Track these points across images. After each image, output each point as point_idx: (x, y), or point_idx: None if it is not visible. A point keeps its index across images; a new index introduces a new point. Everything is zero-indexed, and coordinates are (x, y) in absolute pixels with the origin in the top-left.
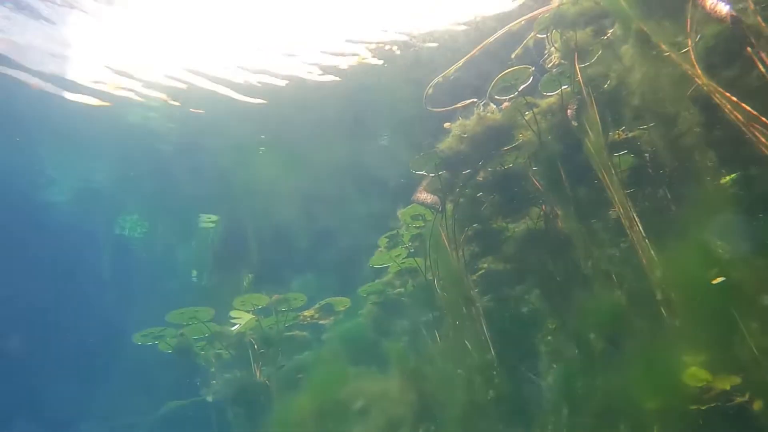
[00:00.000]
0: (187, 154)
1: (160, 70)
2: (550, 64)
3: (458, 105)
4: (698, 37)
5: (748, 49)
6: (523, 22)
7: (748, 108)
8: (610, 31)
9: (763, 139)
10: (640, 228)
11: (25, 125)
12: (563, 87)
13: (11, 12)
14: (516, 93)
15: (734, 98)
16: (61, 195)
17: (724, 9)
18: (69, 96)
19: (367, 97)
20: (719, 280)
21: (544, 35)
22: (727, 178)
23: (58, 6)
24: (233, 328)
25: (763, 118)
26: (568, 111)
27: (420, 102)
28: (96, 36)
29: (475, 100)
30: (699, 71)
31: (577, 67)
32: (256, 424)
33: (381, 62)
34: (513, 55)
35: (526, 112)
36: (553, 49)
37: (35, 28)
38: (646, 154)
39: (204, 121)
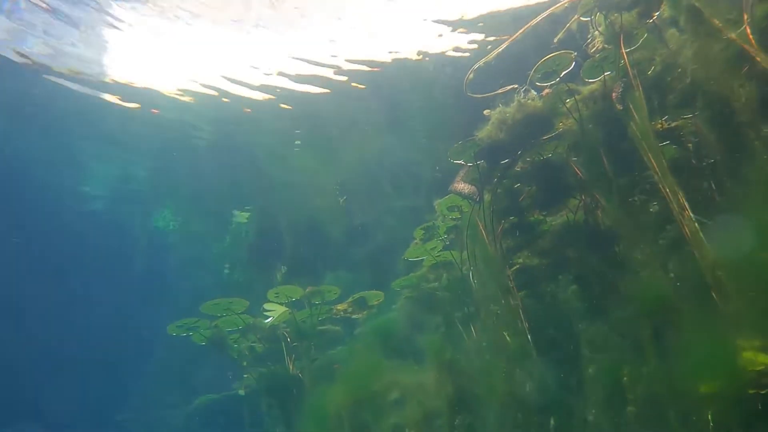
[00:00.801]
0: (221, 148)
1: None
2: (593, 49)
3: (498, 91)
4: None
5: None
6: (566, 5)
7: None
8: (656, 13)
9: None
10: (690, 212)
11: (67, 125)
12: (606, 73)
13: (52, 18)
14: (557, 79)
15: None
16: (99, 190)
17: None
18: (106, 97)
19: (404, 87)
20: None
21: (588, 18)
22: None
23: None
24: (266, 321)
25: None
26: (613, 95)
27: (458, 91)
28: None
29: (516, 86)
30: (755, 46)
31: (623, 50)
32: (288, 418)
33: (420, 57)
34: (555, 40)
35: (567, 100)
36: (596, 32)
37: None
38: (690, 145)
39: (240, 116)
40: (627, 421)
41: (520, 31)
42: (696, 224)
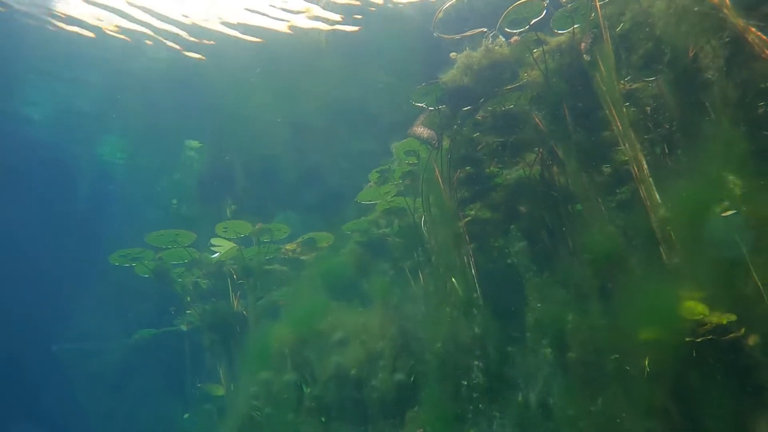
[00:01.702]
0: (176, 78)
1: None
2: None
3: (466, 33)
4: None
5: None
6: None
7: None
8: None
9: None
10: (646, 168)
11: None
12: (575, 26)
13: None
14: (527, 27)
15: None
16: (40, 114)
17: None
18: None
19: (369, 27)
20: (729, 213)
21: None
22: None
23: None
24: (213, 256)
25: None
26: (582, 45)
27: (424, 34)
28: None
29: (485, 30)
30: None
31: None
32: (230, 355)
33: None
34: None
35: (535, 50)
36: None
37: None
38: (648, 108)
39: (199, 47)
40: (567, 367)
41: None
42: (651, 181)
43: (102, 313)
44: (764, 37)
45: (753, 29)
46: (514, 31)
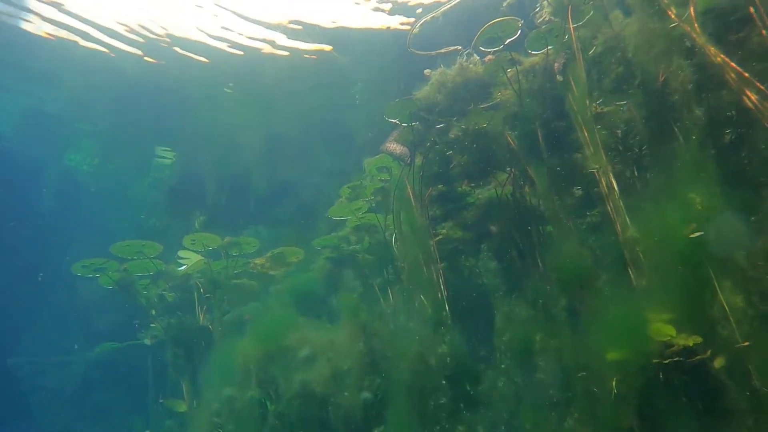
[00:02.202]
0: (150, 87)
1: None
2: (540, 20)
3: (441, 50)
4: None
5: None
6: None
7: (744, 72)
8: None
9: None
10: (616, 189)
11: None
12: (549, 47)
13: None
14: (501, 47)
15: (730, 61)
16: (5, 119)
17: None
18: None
19: (346, 46)
20: (697, 234)
21: None
22: None
23: None
24: (180, 269)
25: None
26: (555, 65)
27: (400, 51)
28: None
29: (459, 48)
30: (697, 28)
31: (570, 23)
32: (194, 370)
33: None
34: (505, 4)
35: (509, 69)
36: (545, 2)
37: None
38: (618, 132)
39: (173, 57)
40: (535, 387)
41: None
42: (621, 204)
43: (63, 325)
44: (732, 63)
45: (722, 56)
46: (489, 50)
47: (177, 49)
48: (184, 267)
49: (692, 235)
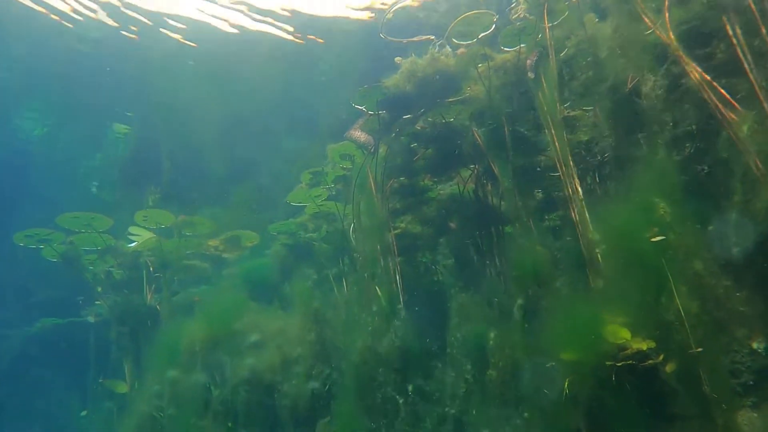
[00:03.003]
0: (107, 56)
1: None
2: (515, 16)
3: (413, 39)
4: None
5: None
6: None
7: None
8: None
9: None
10: (580, 191)
11: None
12: (522, 45)
13: None
14: (474, 40)
15: (702, 71)
16: None
17: None
18: None
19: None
20: (659, 238)
21: None
22: None
23: None
24: (130, 245)
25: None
26: (528, 62)
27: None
28: None
29: (433, 37)
30: (672, 36)
31: (546, 22)
32: (138, 350)
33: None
34: None
35: (480, 65)
36: None
37: None
38: (584, 137)
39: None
40: (486, 384)
41: None
42: (583, 205)
43: (1, 297)
44: (706, 75)
45: (696, 67)
46: (462, 42)
47: (140, 17)
48: (134, 244)
49: (653, 239)
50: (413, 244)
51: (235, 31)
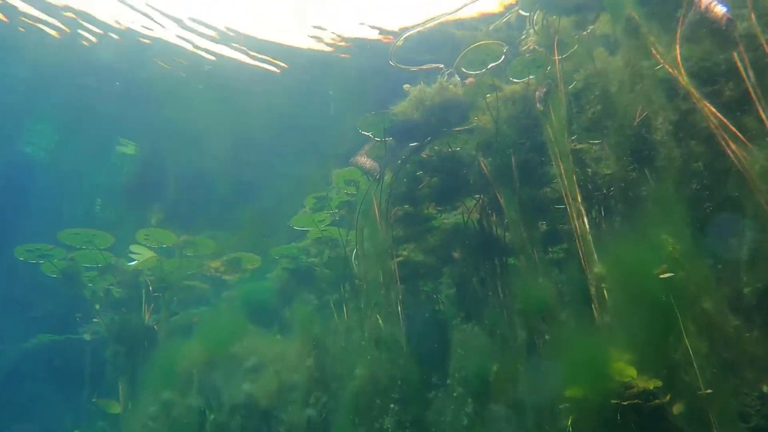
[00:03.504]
0: (118, 73)
1: None
2: (525, 48)
3: (423, 66)
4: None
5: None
6: None
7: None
8: (591, 27)
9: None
10: (586, 225)
11: None
12: (531, 77)
13: None
14: (484, 70)
15: (711, 106)
16: None
17: (721, 10)
18: None
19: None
20: (667, 275)
21: (528, 13)
22: None
23: None
24: (130, 264)
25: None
26: (537, 93)
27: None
28: None
29: (441, 66)
30: (683, 71)
31: (556, 54)
32: (134, 371)
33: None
34: (491, 26)
35: (489, 95)
36: (532, 31)
37: None
38: (589, 170)
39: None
40: (486, 418)
41: (457, 8)
42: (590, 239)
43: None
44: (715, 110)
45: (706, 103)
46: (471, 72)
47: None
48: (134, 262)
49: (662, 276)
50: (415, 272)
51: (243, 56)
